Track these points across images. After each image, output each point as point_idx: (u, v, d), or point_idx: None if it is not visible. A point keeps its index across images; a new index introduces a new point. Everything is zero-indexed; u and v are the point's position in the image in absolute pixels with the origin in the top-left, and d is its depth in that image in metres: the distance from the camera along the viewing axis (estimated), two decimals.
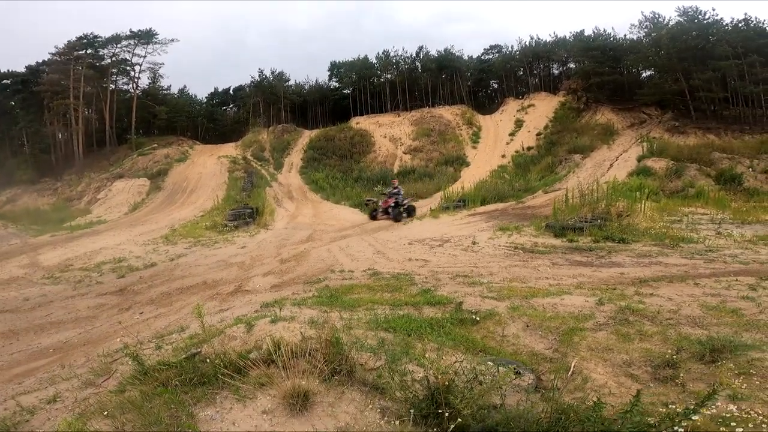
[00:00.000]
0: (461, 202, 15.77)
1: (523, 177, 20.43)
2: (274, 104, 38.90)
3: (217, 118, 41.41)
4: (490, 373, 3.05)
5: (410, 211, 15.52)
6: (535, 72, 38.17)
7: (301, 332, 4.02)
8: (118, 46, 34.86)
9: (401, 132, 31.18)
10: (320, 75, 63.47)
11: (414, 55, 39.71)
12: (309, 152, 29.61)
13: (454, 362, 3.15)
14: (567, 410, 2.51)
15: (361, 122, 33.21)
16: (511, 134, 29.27)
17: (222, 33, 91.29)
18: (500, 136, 29.48)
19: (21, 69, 34.19)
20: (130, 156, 29.87)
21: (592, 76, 27.83)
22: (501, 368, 3.11)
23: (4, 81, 34.13)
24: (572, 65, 35.33)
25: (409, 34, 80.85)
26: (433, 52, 38.99)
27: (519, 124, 30.24)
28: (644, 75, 29.54)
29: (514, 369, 3.28)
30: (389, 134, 31.00)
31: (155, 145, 31.49)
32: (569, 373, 3.56)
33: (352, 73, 40.46)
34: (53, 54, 33.01)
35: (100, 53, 34.47)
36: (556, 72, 37.76)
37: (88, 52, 33.52)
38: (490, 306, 5.18)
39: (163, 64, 39.57)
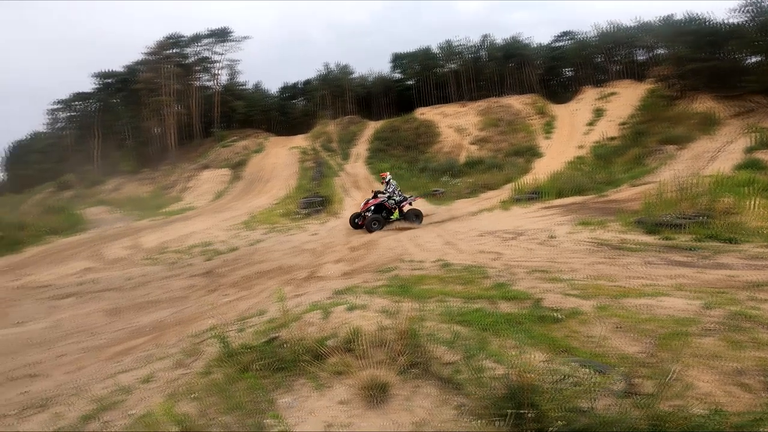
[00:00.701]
0: (534, 194, 14.91)
1: (604, 169, 18.79)
2: (340, 96, 39.84)
3: (287, 111, 43.14)
4: (575, 374, 2.86)
5: (411, 218, 11.57)
6: (615, 59, 34.91)
7: (377, 322, 4.02)
8: (199, 44, 37.77)
9: (467, 122, 30.35)
10: (382, 67, 63.75)
11: (478, 44, 38.53)
12: (374, 143, 29.96)
13: (538, 361, 2.96)
14: (666, 417, 2.27)
15: (425, 113, 32.89)
16: (590, 124, 27.14)
17: (288, 30, 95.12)
18: (577, 126, 27.46)
19: (120, 69, 38.25)
20: (215, 148, 32.33)
21: (687, 62, 24.76)
22: (587, 370, 2.91)
23: (107, 80, 38.43)
24: (661, 51, 31.69)
25: (471, 24, 77.91)
26: (499, 41, 37.50)
27: (599, 113, 27.96)
28: (749, 61, 25.65)
29: (602, 371, 3.03)
30: (455, 124, 30.32)
31: (235, 137, 33.73)
32: (667, 378, 3.18)
33: (414, 64, 40.30)
34: (146, 54, 36.55)
35: (185, 52, 37.50)
36: (640, 59, 34.16)
37: (174, 51, 36.62)
38: (574, 304, 4.80)
39: (240, 60, 42.16)
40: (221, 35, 37.81)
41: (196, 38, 37.49)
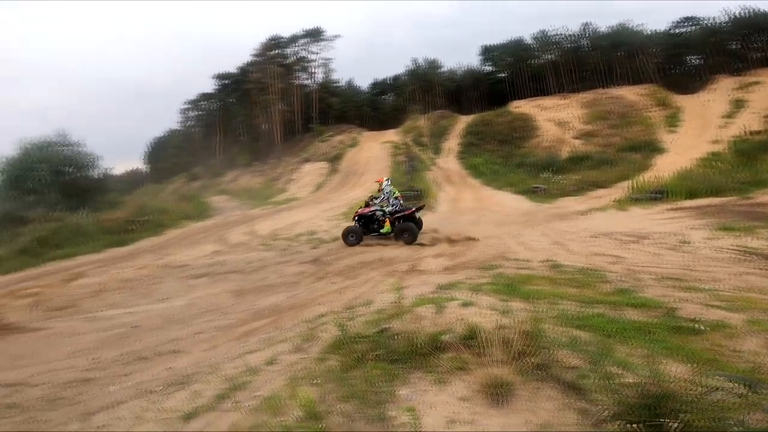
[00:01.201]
0: (658, 194, 13.20)
1: (747, 167, 15.87)
2: (429, 91, 39.52)
3: (378, 107, 43.83)
4: (722, 387, 2.65)
5: (402, 235, 9.82)
6: (754, 45, 29.35)
7: (496, 320, 3.90)
8: (297, 45, 40.19)
9: (569, 115, 28.04)
10: (468, 60, 61.53)
11: (578, 33, 35.46)
12: (466, 137, 29.20)
13: (678, 372, 2.67)
14: None
15: (521, 106, 31.22)
16: (727, 116, 23.20)
17: (373, 25, 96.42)
18: (709, 119, 23.65)
19: (234, 70, 42.29)
20: (314, 143, 34.32)
21: None
22: (736, 384, 2.69)
23: (225, 81, 42.72)
24: None
25: (562, 13, 70.63)
26: (603, 28, 33.87)
27: (738, 104, 23.84)
28: None
29: (754, 388, 2.71)
30: (555, 118, 28.22)
31: (331, 132, 35.42)
32: None
33: (506, 56, 38.56)
34: (253, 55, 40.04)
35: (285, 53, 40.18)
36: None
37: (276, 52, 39.42)
38: (718, 316, 4.27)
39: (333, 59, 43.43)
40: (314, 35, 39.94)
41: (293, 39, 40.06)
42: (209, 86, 46.00)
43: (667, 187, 13.63)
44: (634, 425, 2.29)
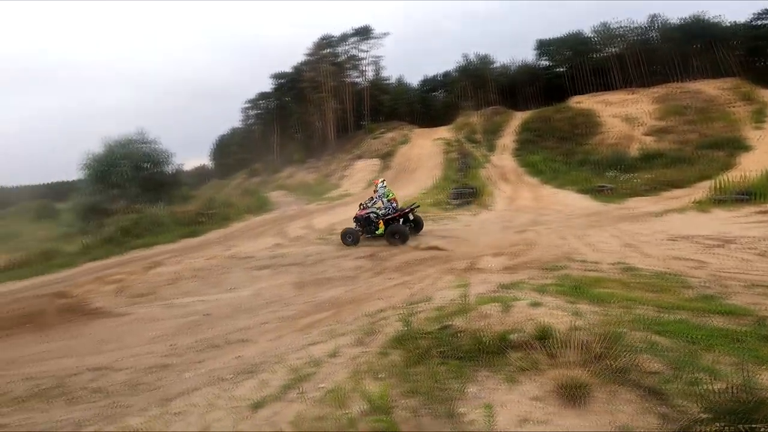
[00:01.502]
0: (745, 195, 11.90)
1: None
2: (482, 87, 38.70)
3: (429, 103, 43.60)
4: None
5: (392, 237, 9.75)
6: None
7: (569, 322, 3.74)
8: (347, 43, 40.74)
9: (639, 110, 26.11)
10: (520, 54, 58.93)
11: (646, 24, 33.14)
12: (522, 134, 28.15)
13: None
14: None
15: (583, 101, 29.57)
16: None
17: (422, 22, 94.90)
18: None
19: (290, 69, 43.77)
20: (366, 140, 34.69)
21: None
22: None
23: (281, 81, 44.30)
24: None
25: (618, 6, 64.67)
26: (673, 20, 31.18)
27: None
28: None
29: None
30: (622, 113, 26.38)
31: (383, 129, 35.61)
32: None
33: (564, 50, 36.89)
34: (307, 55, 41.17)
35: (336, 51, 40.89)
36: None
37: (328, 51, 40.24)
38: None
39: (383, 56, 43.86)
40: (364, 33, 40.30)
41: (343, 38, 40.73)
42: (268, 86, 48.01)
43: (755, 188, 12.24)
44: (726, 429, 2.18)
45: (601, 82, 33.45)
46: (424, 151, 28.63)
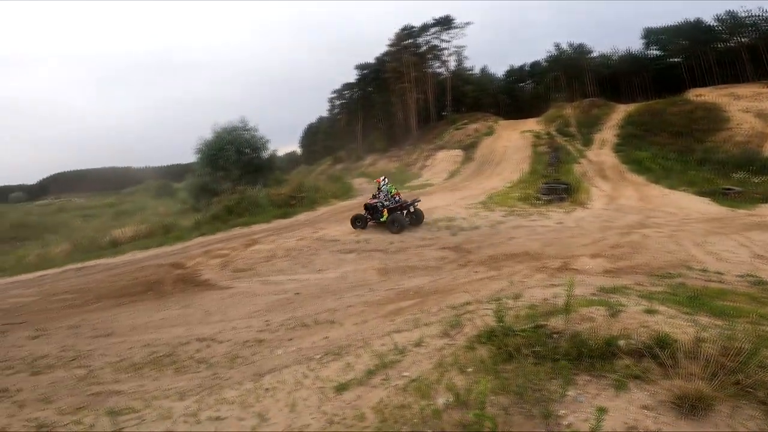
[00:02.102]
0: None
1: None
2: (577, 78, 36.38)
3: (515, 95, 42.06)
4: None
5: (390, 225, 10.84)
6: None
7: (695, 333, 3.28)
8: (428, 34, 40.00)
9: None
10: (618, 43, 52.72)
11: None
12: (626, 128, 25.53)
13: None
14: None
15: (704, 94, 26.10)
16: None
17: (508, 13, 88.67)
18: None
19: (372, 60, 44.28)
20: (448, 130, 34.07)
21: None
22: None
23: (364, 71, 44.96)
24: None
25: None
26: None
27: None
28: None
29: None
30: (754, 108, 22.73)
31: (466, 120, 34.70)
32: None
33: (679, 39, 33.02)
34: (389, 45, 41.26)
35: (418, 42, 40.45)
36: None
37: (409, 42, 39.97)
38: None
39: (465, 46, 42.31)
40: (445, 23, 39.27)
41: (424, 28, 40.07)
42: (353, 77, 48.98)
43: None
44: None
45: (727, 74, 29.39)
46: (511, 144, 27.44)
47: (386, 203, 11.36)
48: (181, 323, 6.14)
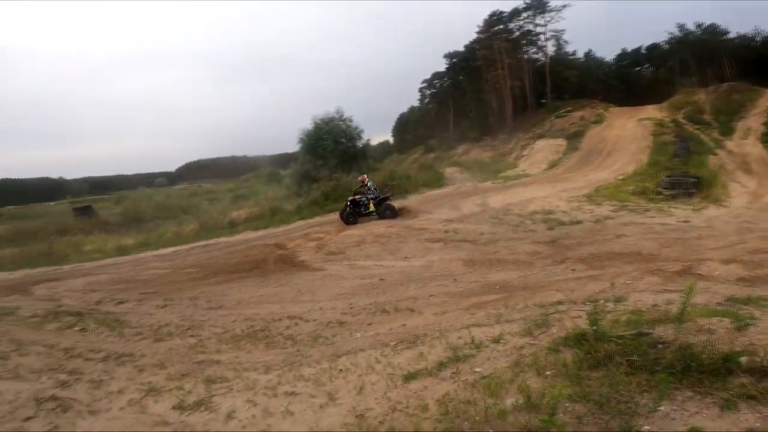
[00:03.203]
0: None
1: None
2: (709, 61, 31.57)
3: (629, 80, 37.99)
4: None
5: (384, 212, 12.26)
6: None
7: None
8: (519, 19, 37.36)
9: None
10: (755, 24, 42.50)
11: None
12: None
13: None
14: None
15: None
16: None
17: None
18: None
19: (462, 48, 42.73)
20: (549, 118, 31.90)
21: None
22: None
23: (453, 60, 43.77)
24: None
25: None
26: None
27: None
28: None
29: None
30: None
31: (569, 108, 32.26)
32: None
33: None
34: (478, 32, 39.34)
35: (510, 27, 38.00)
36: None
37: (500, 27, 37.73)
38: None
39: (564, 30, 38.46)
40: (538, 7, 36.34)
41: (515, 13, 37.59)
42: (442, 65, 48.17)
43: None
44: None
45: None
46: (625, 133, 24.77)
47: (370, 196, 12.57)
48: (276, 300, 6.65)
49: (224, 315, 6.13)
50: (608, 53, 43.16)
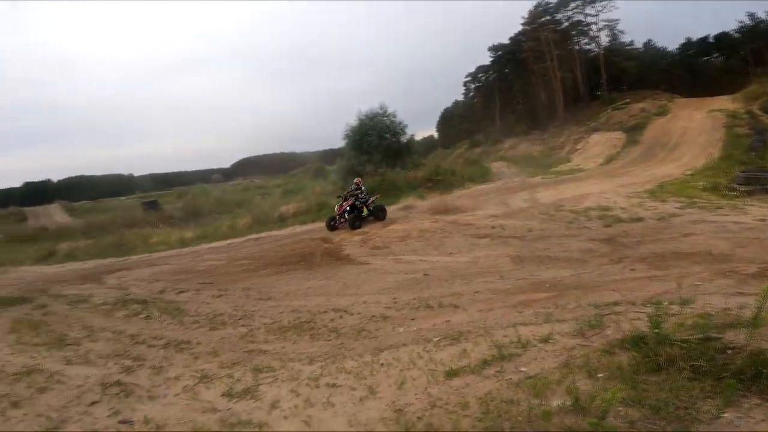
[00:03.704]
0: None
1: None
2: None
3: (696, 70, 35.63)
4: None
5: (378, 213, 12.36)
6: None
7: None
8: (567, 9, 36.15)
9: None
10: None
11: None
12: None
13: None
14: None
15: None
16: None
17: None
18: None
19: (506, 41, 41.50)
20: (605, 111, 30.60)
21: None
22: None
23: (498, 53, 42.68)
24: None
25: None
26: None
27: None
28: None
29: None
30: None
31: (628, 99, 30.99)
32: None
33: None
34: (523, 24, 38.30)
35: (557, 18, 36.81)
36: None
37: (546, 19, 36.59)
38: None
39: (619, 20, 36.90)
40: None
41: (562, 3, 36.32)
42: (486, 59, 47.22)
43: None
44: None
45: None
46: (692, 125, 23.26)
47: (362, 199, 12.41)
48: (322, 293, 6.77)
49: (273, 306, 6.34)
50: (669, 43, 40.32)
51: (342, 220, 11.98)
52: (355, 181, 13.15)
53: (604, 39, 37.67)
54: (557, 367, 3.03)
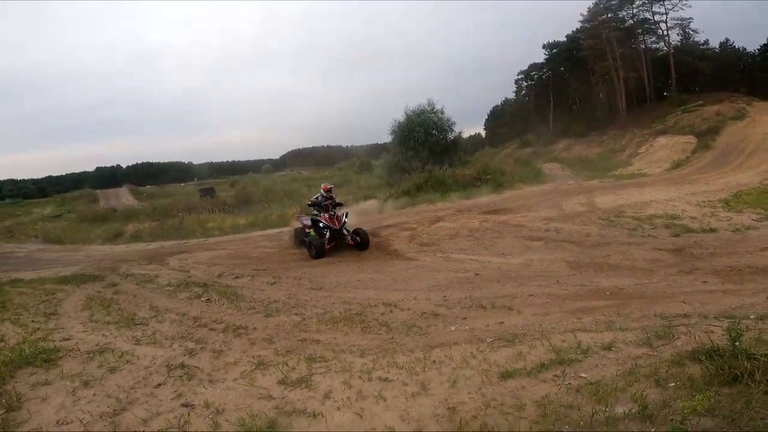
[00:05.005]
0: None
1: None
2: None
3: None
4: None
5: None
6: None
7: None
8: (632, 6, 34.45)
9: None
10: None
11: None
12: None
13: None
14: None
15: None
16: None
17: None
18: None
19: (563, 39, 40.01)
20: (673, 113, 28.80)
21: None
22: None
23: (554, 51, 41.17)
24: None
25: None
26: None
27: None
28: None
29: None
30: None
31: (701, 101, 28.95)
32: None
33: None
34: (582, 22, 36.72)
35: (620, 16, 35.12)
36: None
37: (608, 16, 34.91)
38: None
39: (691, 19, 34.42)
40: None
41: (626, 0, 34.46)
42: (540, 56, 45.82)
43: None
44: None
45: None
46: None
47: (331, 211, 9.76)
48: (372, 287, 6.81)
49: (324, 296, 6.44)
50: (748, 44, 37.04)
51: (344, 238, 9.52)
52: (322, 187, 10.37)
53: (675, 38, 35.59)
54: (621, 375, 2.92)
